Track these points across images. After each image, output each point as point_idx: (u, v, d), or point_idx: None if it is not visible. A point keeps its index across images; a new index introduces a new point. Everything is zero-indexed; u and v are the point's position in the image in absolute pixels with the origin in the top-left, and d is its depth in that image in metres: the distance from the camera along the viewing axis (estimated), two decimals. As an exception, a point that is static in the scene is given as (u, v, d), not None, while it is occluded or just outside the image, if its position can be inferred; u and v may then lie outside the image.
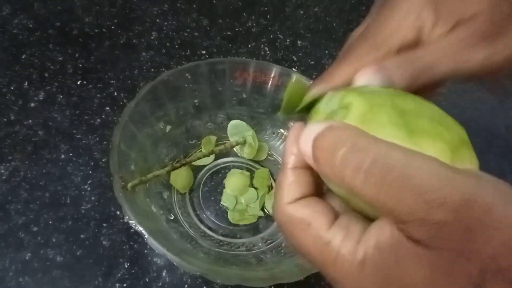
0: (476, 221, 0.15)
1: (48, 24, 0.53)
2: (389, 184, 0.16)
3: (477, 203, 0.16)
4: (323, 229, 0.19)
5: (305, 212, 0.20)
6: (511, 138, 0.57)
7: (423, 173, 0.16)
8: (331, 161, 0.18)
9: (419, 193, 0.16)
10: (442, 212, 0.15)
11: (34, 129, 0.44)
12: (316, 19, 0.64)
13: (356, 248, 0.18)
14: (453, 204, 0.15)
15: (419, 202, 0.16)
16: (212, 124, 0.45)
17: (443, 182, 0.16)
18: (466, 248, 0.15)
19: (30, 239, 0.37)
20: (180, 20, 0.58)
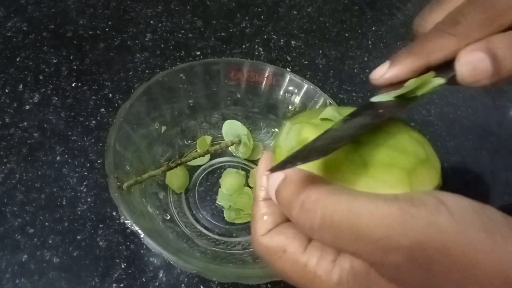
0: (430, 261, 0.16)
1: (42, 27, 0.53)
2: (342, 238, 0.17)
3: (429, 245, 0.16)
4: (299, 252, 0.20)
5: (279, 240, 0.21)
6: (504, 134, 0.58)
7: (372, 221, 0.17)
8: (290, 216, 0.19)
9: (371, 242, 0.17)
10: (396, 255, 0.16)
11: (29, 131, 0.44)
12: (310, 19, 0.64)
13: (331, 268, 0.19)
14: (406, 248, 0.16)
15: (374, 249, 0.17)
16: (207, 124, 0.46)
17: (393, 231, 0.16)
18: (426, 283, 0.16)
19: (26, 241, 0.37)
20: (174, 21, 0.58)
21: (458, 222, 0.16)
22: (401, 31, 0.67)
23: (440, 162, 0.22)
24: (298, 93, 0.43)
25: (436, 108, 0.58)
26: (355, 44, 0.63)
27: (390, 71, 0.22)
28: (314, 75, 0.57)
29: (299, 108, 0.43)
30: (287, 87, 0.43)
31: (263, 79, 0.43)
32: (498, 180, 0.52)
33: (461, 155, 0.53)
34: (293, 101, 0.44)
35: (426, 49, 0.21)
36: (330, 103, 0.41)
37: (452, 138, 0.55)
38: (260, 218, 0.22)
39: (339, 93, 0.55)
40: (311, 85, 0.42)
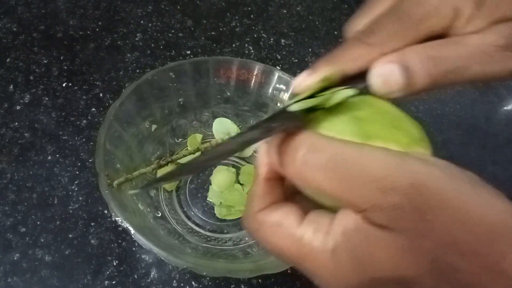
0: (426, 202, 0.16)
1: (32, 28, 0.54)
2: (345, 177, 0.18)
3: (425, 186, 0.17)
4: (294, 226, 0.20)
5: (275, 215, 0.21)
6: (490, 129, 0.59)
7: (374, 162, 0.17)
8: (293, 163, 0.19)
9: (371, 181, 0.17)
10: (394, 196, 0.16)
11: (20, 131, 0.44)
12: (299, 18, 0.65)
13: (326, 238, 0.19)
14: (402, 188, 0.16)
15: (373, 190, 0.17)
16: (198, 123, 0.46)
17: (392, 169, 0.17)
18: (421, 226, 0.16)
19: (18, 240, 0.38)
20: (164, 21, 0.59)
21: (450, 176, 0.17)
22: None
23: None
24: (287, 91, 0.44)
25: (425, 105, 0.58)
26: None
27: (308, 79, 0.22)
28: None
29: (288, 105, 0.44)
30: (276, 85, 0.44)
31: (252, 77, 0.44)
32: (486, 174, 0.52)
33: (449, 150, 0.54)
34: (282, 99, 0.44)
35: (342, 58, 0.21)
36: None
37: (440, 134, 0.55)
38: (258, 196, 0.21)
39: (328, 91, 0.56)
40: (300, 83, 0.43)
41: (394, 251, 0.17)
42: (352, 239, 0.18)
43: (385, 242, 0.17)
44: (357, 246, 0.18)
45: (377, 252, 0.17)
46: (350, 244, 0.18)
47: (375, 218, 0.17)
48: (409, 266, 0.17)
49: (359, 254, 0.18)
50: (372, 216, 0.17)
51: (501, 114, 0.62)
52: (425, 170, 0.17)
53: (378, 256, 0.17)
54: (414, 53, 0.20)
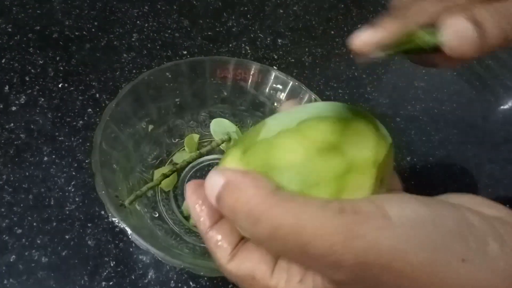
0: (374, 278, 0.17)
1: (27, 28, 0.53)
2: (290, 252, 0.18)
3: (373, 263, 0.17)
4: (267, 277, 0.20)
5: (245, 268, 0.21)
6: (488, 129, 0.59)
7: (317, 237, 0.17)
8: (236, 225, 0.20)
9: (318, 258, 0.17)
10: (341, 273, 0.17)
11: (16, 132, 0.44)
12: (296, 17, 0.65)
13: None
14: (350, 267, 0.17)
15: (321, 266, 0.18)
16: (195, 123, 0.46)
17: (337, 248, 0.17)
18: None
19: (14, 242, 0.37)
20: (160, 21, 0.59)
21: (400, 239, 0.17)
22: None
23: (426, 156, 0.22)
24: (284, 90, 0.44)
25: (421, 104, 0.59)
26: (341, 42, 0.63)
27: (377, 34, 0.20)
28: (301, 72, 0.57)
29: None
30: (272, 84, 0.44)
31: (249, 77, 0.44)
32: (483, 172, 0.53)
33: (446, 149, 0.54)
34: (279, 98, 0.44)
35: (410, 13, 0.21)
36: (315, 99, 0.42)
37: (437, 133, 0.56)
38: (216, 247, 0.21)
39: (325, 90, 0.56)
40: (296, 82, 0.43)
41: None
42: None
43: None
44: None
45: None
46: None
47: (336, 285, 0.18)
48: None
49: None
50: (333, 284, 0.18)
51: (498, 113, 0.62)
52: (374, 243, 0.17)
53: None
54: (483, 10, 0.19)
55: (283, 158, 0.20)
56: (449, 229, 0.17)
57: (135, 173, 0.40)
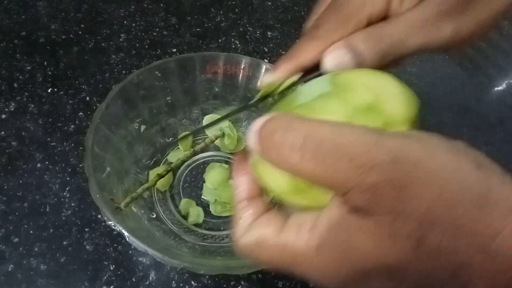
0: (406, 177, 0.16)
1: (13, 34, 0.53)
2: (322, 156, 0.17)
3: (405, 160, 0.16)
4: (275, 236, 0.20)
5: (254, 234, 0.21)
6: (482, 110, 0.59)
7: (351, 140, 0.17)
8: (271, 146, 0.19)
9: (349, 160, 0.16)
10: (373, 174, 0.16)
11: (7, 140, 0.43)
12: (284, 9, 0.64)
13: (310, 236, 0.18)
14: (381, 165, 0.16)
15: (351, 169, 0.16)
16: (187, 121, 0.46)
17: (369, 145, 0.17)
18: (401, 208, 0.16)
19: (11, 251, 0.37)
20: (148, 20, 0.58)
21: (431, 147, 0.17)
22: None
23: None
24: (276, 83, 0.43)
25: (415, 89, 0.58)
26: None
27: (272, 76, 0.24)
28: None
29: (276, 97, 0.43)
30: (263, 78, 0.43)
31: (240, 71, 0.43)
32: (479, 155, 0.53)
33: (442, 133, 0.54)
34: (271, 91, 0.44)
35: (297, 54, 0.24)
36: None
37: (432, 117, 0.55)
38: (238, 221, 0.22)
39: (318, 81, 0.56)
40: (288, 74, 0.42)
41: (376, 238, 0.17)
42: (334, 233, 0.18)
43: (367, 231, 0.17)
44: (340, 239, 0.18)
45: (360, 242, 0.17)
46: (333, 238, 0.18)
47: (355, 201, 0.17)
48: (392, 252, 0.16)
49: (343, 247, 0.17)
50: (352, 199, 0.17)
51: (492, 94, 0.62)
52: (404, 144, 0.17)
53: (362, 247, 0.17)
54: (357, 36, 0.23)
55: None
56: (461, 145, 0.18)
57: (130, 175, 0.40)
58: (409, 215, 0.16)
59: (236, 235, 0.22)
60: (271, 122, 0.19)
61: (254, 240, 0.21)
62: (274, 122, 0.19)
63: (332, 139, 0.17)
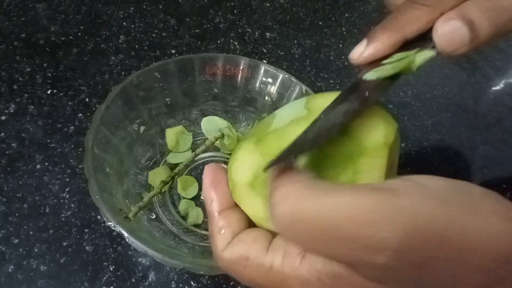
0: (424, 255, 0.15)
1: (13, 36, 0.53)
2: (315, 238, 0.16)
3: (421, 235, 0.14)
4: (262, 255, 0.19)
5: (239, 249, 0.20)
6: (480, 110, 0.59)
7: (353, 217, 0.15)
8: (281, 217, 0.17)
9: (353, 241, 0.15)
10: (383, 256, 0.14)
11: (7, 141, 0.43)
12: (283, 10, 0.65)
13: (298, 263, 0.18)
14: (395, 245, 0.14)
15: (356, 250, 0.15)
16: (187, 122, 0.46)
17: (380, 224, 0.14)
18: (420, 281, 0.15)
19: (11, 252, 0.37)
20: (147, 21, 0.58)
21: (443, 205, 0.15)
22: (374, 16, 0.67)
23: (420, 141, 0.22)
24: (274, 83, 0.43)
25: (413, 89, 0.59)
26: (329, 32, 0.63)
27: (368, 48, 0.21)
28: (291, 65, 0.57)
29: (276, 98, 0.44)
30: (262, 78, 0.43)
31: (239, 72, 0.44)
32: (477, 154, 0.53)
33: (440, 133, 0.54)
34: (270, 92, 0.44)
35: (400, 23, 0.21)
36: (306, 91, 0.42)
37: (430, 117, 0.56)
38: (217, 233, 0.21)
39: (316, 81, 0.56)
40: (286, 75, 0.43)
41: None
42: (336, 281, 0.17)
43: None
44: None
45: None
46: (335, 285, 0.17)
47: (366, 274, 0.16)
48: None
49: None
50: (364, 271, 0.16)
51: (489, 94, 0.62)
52: (416, 209, 0.15)
53: None
54: (474, 7, 0.20)
55: None
56: (478, 192, 0.16)
57: (130, 176, 0.40)
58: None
59: (217, 248, 0.21)
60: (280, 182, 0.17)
61: (237, 256, 0.20)
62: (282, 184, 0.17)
63: (326, 219, 0.15)
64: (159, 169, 0.42)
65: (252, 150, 0.22)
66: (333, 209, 0.15)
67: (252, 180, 0.21)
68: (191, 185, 0.42)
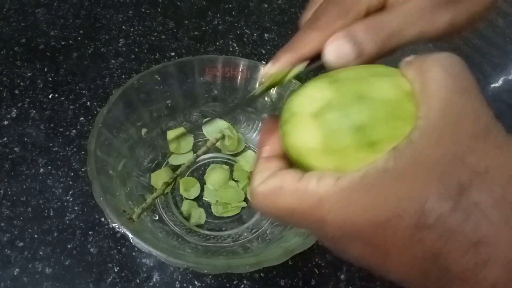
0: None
1: (13, 42, 0.53)
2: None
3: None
4: (295, 182, 0.19)
5: (274, 181, 0.20)
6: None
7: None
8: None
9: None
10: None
11: (9, 146, 0.44)
12: (281, 11, 0.65)
13: (337, 180, 0.18)
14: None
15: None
16: (187, 123, 0.46)
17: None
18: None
19: (17, 255, 0.38)
20: (146, 25, 0.58)
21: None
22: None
23: None
24: (274, 84, 0.44)
25: (411, 87, 0.59)
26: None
27: (273, 68, 0.24)
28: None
29: (275, 99, 0.44)
30: (262, 79, 0.44)
31: (238, 74, 0.44)
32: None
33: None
34: (270, 92, 0.44)
35: (298, 45, 0.24)
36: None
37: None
38: (258, 173, 0.22)
39: (315, 81, 0.56)
40: (286, 75, 0.43)
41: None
42: (380, 176, 0.18)
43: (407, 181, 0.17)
44: (383, 182, 0.17)
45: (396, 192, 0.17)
46: (367, 185, 0.18)
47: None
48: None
49: (373, 195, 0.17)
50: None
51: (487, 91, 0.62)
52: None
53: (393, 199, 0.17)
54: (357, 26, 0.23)
55: (376, 92, 0.20)
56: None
57: (132, 178, 0.40)
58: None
59: (252, 185, 0.21)
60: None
61: (272, 188, 0.20)
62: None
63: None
64: (161, 170, 0.43)
65: (325, 88, 0.21)
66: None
67: (318, 110, 0.21)
68: (193, 186, 0.43)
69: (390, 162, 0.18)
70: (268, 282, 0.39)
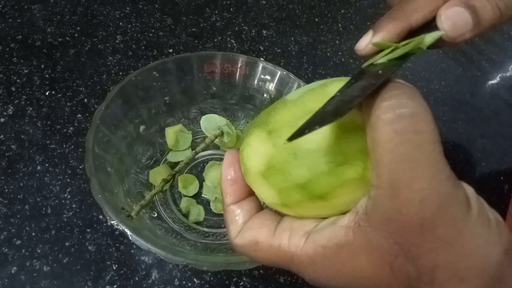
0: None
1: (9, 38, 0.53)
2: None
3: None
4: (269, 239, 0.21)
5: (249, 235, 0.22)
6: (476, 104, 0.59)
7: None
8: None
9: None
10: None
11: (6, 143, 0.43)
12: (279, 7, 0.65)
13: (303, 243, 0.20)
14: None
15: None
16: (186, 120, 0.46)
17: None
18: (416, 253, 0.17)
19: (14, 253, 0.37)
20: (143, 21, 0.58)
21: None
22: (370, 12, 0.67)
23: None
24: (272, 81, 0.44)
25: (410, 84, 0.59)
26: (325, 29, 0.63)
27: (375, 38, 0.22)
28: (288, 62, 0.57)
29: (274, 95, 0.44)
30: (260, 76, 0.44)
31: (237, 70, 0.44)
32: (475, 147, 0.54)
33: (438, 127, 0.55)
34: (268, 89, 0.44)
35: (405, 12, 0.22)
36: (304, 87, 0.42)
37: (427, 112, 0.56)
38: (230, 223, 0.23)
39: (314, 78, 0.56)
40: (284, 72, 0.43)
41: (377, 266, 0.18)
42: (331, 252, 0.19)
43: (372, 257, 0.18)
44: (337, 260, 0.19)
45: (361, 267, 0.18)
46: (330, 255, 0.19)
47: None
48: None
49: (338, 267, 0.19)
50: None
51: (486, 88, 0.62)
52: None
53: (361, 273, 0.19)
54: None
55: (311, 138, 0.20)
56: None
57: (131, 175, 0.40)
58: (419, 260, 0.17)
59: (230, 236, 0.23)
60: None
61: (248, 242, 0.22)
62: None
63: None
64: (160, 167, 0.42)
65: (264, 139, 0.21)
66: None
67: (264, 170, 0.21)
68: (191, 183, 0.42)
69: (349, 236, 0.18)
70: (268, 279, 0.39)
